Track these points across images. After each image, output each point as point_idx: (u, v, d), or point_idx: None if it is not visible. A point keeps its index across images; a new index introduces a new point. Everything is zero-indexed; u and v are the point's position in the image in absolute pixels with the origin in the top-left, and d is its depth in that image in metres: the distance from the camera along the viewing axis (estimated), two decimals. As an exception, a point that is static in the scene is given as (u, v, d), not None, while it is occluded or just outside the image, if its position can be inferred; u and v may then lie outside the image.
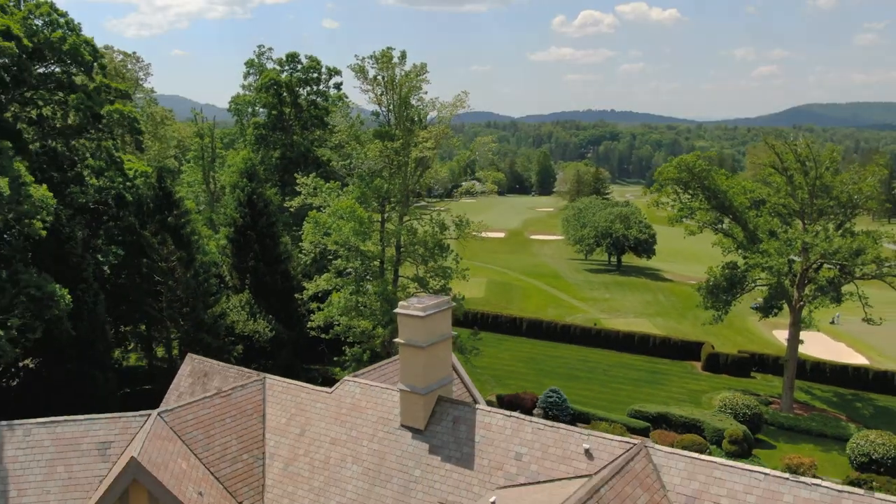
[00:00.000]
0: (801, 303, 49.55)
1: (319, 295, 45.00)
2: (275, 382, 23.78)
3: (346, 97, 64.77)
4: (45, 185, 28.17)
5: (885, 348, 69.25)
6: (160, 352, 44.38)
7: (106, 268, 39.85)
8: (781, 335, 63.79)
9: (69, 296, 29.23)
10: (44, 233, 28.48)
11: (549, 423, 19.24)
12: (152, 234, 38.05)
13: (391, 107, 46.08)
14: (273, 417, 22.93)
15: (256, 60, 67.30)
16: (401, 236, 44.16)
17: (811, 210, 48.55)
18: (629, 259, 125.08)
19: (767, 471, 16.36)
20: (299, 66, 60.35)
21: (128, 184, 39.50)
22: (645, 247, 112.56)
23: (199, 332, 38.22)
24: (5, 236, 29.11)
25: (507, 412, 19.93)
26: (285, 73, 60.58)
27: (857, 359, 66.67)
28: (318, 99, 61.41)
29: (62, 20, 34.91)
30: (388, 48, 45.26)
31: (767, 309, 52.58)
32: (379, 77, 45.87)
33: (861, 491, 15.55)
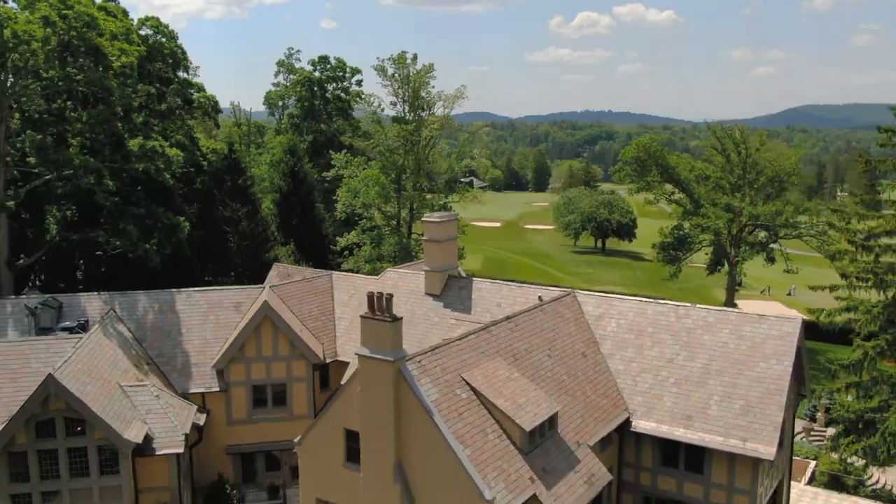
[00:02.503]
0: (737, 258, 61.24)
1: (349, 247, 56.63)
2: (339, 275, 35.54)
3: (363, 93, 76.43)
4: (175, 149, 39.78)
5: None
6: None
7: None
8: (744, 304, 75.13)
9: (187, 225, 41.01)
10: (171, 182, 40.19)
11: (518, 283, 31.00)
12: (225, 192, 49.56)
13: (405, 97, 57.77)
14: (338, 295, 34.59)
15: (286, 61, 79.16)
16: (413, 201, 55.90)
17: (744, 183, 60.11)
18: (614, 244, 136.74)
19: (640, 298, 28.19)
20: (328, 66, 72.10)
21: (202, 157, 50.97)
22: (626, 230, 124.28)
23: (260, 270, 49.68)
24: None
25: (493, 280, 31.70)
26: (316, 72, 72.33)
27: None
28: (342, 94, 73.11)
29: (165, 30, 46.57)
30: (403, 52, 57.03)
31: (712, 266, 64.27)
32: (395, 74, 57.55)
33: (691, 305, 27.30)
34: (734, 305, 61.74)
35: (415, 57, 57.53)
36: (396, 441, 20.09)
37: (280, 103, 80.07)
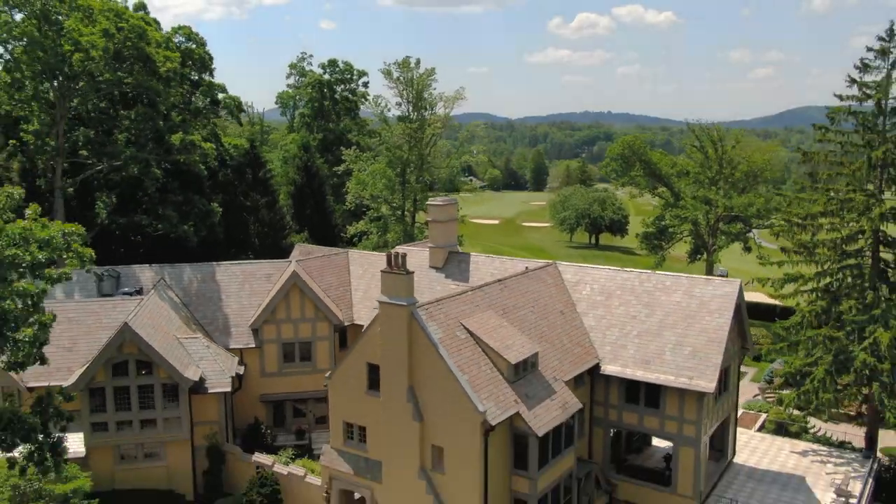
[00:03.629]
0: (714, 247, 66.58)
1: (358, 235, 61.99)
2: (354, 252, 40.89)
3: (369, 94, 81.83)
4: (209, 143, 45.08)
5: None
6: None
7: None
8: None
9: (220, 210, 46.41)
10: (206, 173, 45.55)
11: (509, 258, 36.35)
12: (246, 184, 54.84)
13: (409, 98, 63.11)
14: (354, 269, 39.91)
15: (298, 64, 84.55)
16: (417, 193, 61.26)
17: (720, 178, 65.38)
18: (608, 239, 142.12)
19: (611, 267, 33.56)
20: (337, 69, 77.43)
21: (225, 152, 56.29)
22: (618, 226, 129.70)
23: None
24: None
25: (487, 254, 37.05)
26: (326, 75, 77.70)
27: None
28: (350, 95, 78.48)
29: (196, 37, 51.90)
30: (407, 57, 62.34)
31: (693, 254, 69.63)
32: (400, 77, 62.89)
33: (651, 271, 32.65)
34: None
35: (418, 61, 62.85)
36: (409, 370, 25.43)
37: (291, 102, 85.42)
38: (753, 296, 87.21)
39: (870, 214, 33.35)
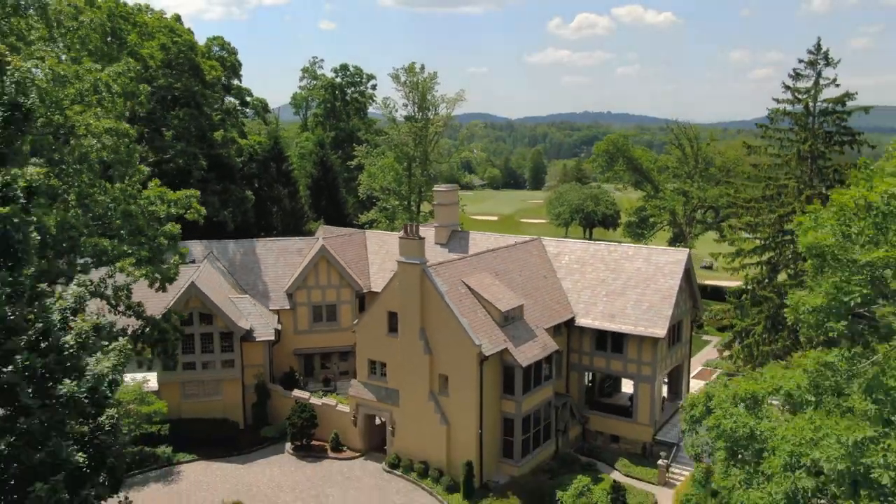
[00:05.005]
0: (691, 235, 73.56)
1: (369, 223, 68.90)
2: (371, 231, 47.86)
3: (375, 96, 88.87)
4: (244, 139, 51.92)
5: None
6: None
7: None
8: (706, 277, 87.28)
9: (253, 198, 53.55)
10: (241, 165, 52.51)
11: (501, 234, 43.32)
12: (270, 176, 61.79)
13: (415, 100, 70.07)
14: (370, 246, 46.82)
15: (310, 67, 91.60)
16: (422, 186, 68.22)
17: (695, 172, 72.35)
18: (600, 234, 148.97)
19: (586, 241, 40.58)
20: (347, 73, 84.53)
21: (250, 147, 63.29)
22: (610, 221, 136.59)
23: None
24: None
25: (484, 232, 44.09)
26: (338, 78, 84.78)
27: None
28: (359, 96, 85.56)
29: (228, 46, 58.91)
30: (413, 63, 69.28)
31: (673, 241, 76.58)
32: (407, 81, 69.84)
33: (618, 244, 39.64)
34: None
35: (423, 67, 69.85)
36: (421, 315, 32.39)
37: (304, 103, 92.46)
38: (728, 281, 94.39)
39: (801, 197, 40.34)
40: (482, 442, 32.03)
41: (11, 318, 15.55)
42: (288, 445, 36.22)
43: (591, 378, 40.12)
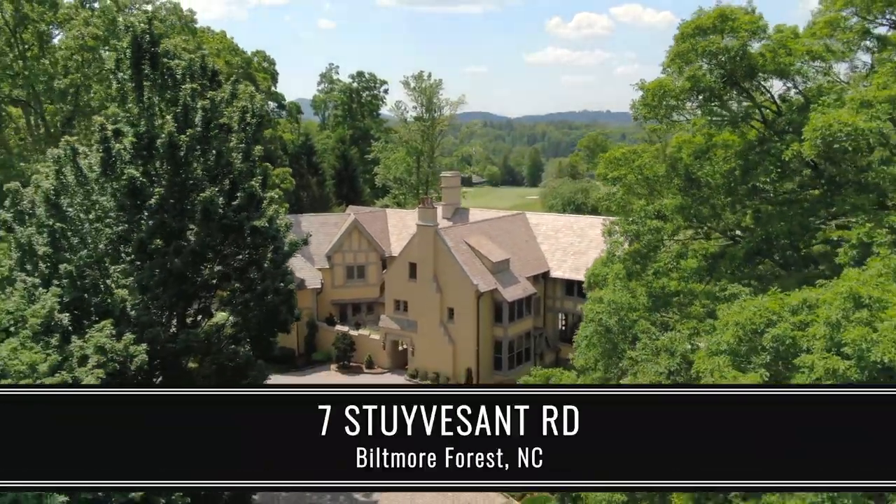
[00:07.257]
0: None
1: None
2: (391, 209, 59.77)
3: (386, 100, 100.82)
4: (288, 134, 63.70)
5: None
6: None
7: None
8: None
9: (292, 182, 65.82)
10: (282, 157, 64.49)
11: (495, 211, 55.19)
12: (301, 167, 73.65)
13: (422, 103, 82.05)
14: (391, 220, 58.64)
15: (327, 73, 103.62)
16: (429, 176, 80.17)
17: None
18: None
19: (559, 214, 52.47)
20: (363, 78, 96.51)
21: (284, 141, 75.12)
22: (598, 212, 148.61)
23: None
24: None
25: (479, 208, 56.00)
26: (354, 83, 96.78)
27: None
28: (372, 99, 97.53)
29: (269, 58, 70.72)
30: (421, 71, 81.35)
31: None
32: (415, 87, 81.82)
33: (584, 216, 51.50)
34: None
35: (430, 74, 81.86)
36: (434, 264, 44.24)
37: (322, 105, 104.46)
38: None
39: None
40: (479, 356, 43.92)
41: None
42: (333, 365, 48.11)
43: (564, 319, 51.92)
